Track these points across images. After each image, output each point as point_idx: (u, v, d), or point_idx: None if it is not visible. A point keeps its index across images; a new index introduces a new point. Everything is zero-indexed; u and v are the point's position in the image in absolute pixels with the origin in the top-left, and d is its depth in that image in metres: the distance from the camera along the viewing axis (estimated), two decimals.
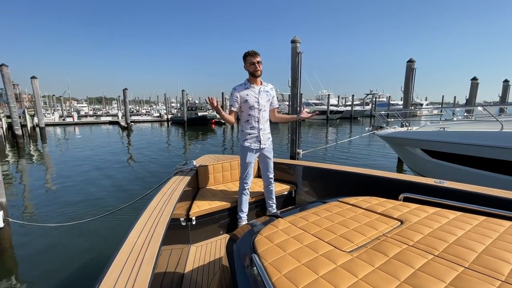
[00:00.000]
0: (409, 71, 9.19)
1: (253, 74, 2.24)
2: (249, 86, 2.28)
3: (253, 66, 2.21)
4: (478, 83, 12.40)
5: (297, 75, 5.97)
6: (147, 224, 1.55)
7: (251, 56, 2.20)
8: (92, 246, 3.71)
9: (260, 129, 2.33)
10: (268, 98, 2.36)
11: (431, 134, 5.01)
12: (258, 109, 2.30)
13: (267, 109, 2.38)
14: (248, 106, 2.26)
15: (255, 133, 2.33)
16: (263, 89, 2.33)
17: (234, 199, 2.52)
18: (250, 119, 2.30)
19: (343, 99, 46.92)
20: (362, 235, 1.23)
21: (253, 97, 2.27)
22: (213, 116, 27.58)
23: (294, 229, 1.32)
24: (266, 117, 2.38)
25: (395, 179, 2.14)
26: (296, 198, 2.96)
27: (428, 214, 1.42)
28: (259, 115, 2.31)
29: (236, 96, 2.27)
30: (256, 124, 2.32)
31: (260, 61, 2.23)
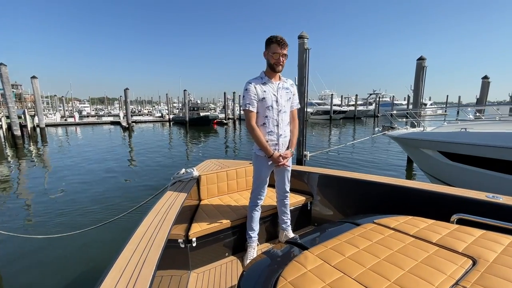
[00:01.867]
0: (419, 70, 8.80)
1: (272, 68, 1.84)
2: (267, 81, 1.87)
3: (276, 57, 1.79)
4: (489, 82, 11.97)
5: (304, 73, 5.63)
6: (139, 247, 1.23)
7: (277, 44, 1.77)
8: (78, 263, 3.37)
9: (280, 135, 1.91)
10: (288, 97, 1.94)
11: (452, 135, 4.64)
12: (277, 110, 1.88)
13: (287, 110, 1.96)
14: (265, 105, 1.85)
15: (273, 140, 1.90)
16: (283, 85, 1.92)
17: (242, 213, 2.17)
18: (267, 122, 1.88)
19: (346, 98, 46.39)
20: (427, 283, 0.89)
21: (272, 95, 1.86)
22: (215, 116, 27.33)
23: (329, 270, 0.98)
24: (286, 120, 1.96)
25: (436, 192, 1.79)
26: (312, 211, 2.61)
27: (503, 246, 1.08)
28: (279, 117, 1.90)
29: (254, 92, 1.83)
30: (275, 129, 1.89)
31: (286, 55, 1.83)
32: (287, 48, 1.82)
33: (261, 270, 1.13)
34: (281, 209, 2.21)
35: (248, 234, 2.10)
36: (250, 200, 2.07)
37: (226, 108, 32.05)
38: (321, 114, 31.06)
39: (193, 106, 29.29)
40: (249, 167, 2.74)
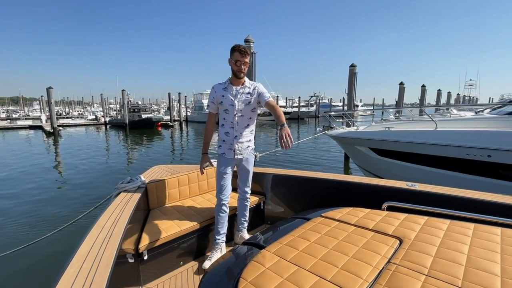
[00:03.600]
0: (351, 75, 9.92)
1: (235, 74, 1.96)
2: (228, 86, 2.01)
3: (238, 65, 1.91)
4: (404, 87, 14.22)
5: (252, 76, 5.77)
6: (83, 270, 1.09)
7: (239, 53, 1.88)
8: None
9: (235, 137, 2.03)
10: (248, 101, 2.01)
11: (378, 134, 5.37)
12: (233, 113, 2.00)
13: (246, 113, 2.04)
14: (223, 108, 2.02)
15: (229, 141, 2.05)
16: (244, 90, 2.00)
17: (196, 219, 2.12)
18: (225, 123, 2.05)
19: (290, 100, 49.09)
20: (367, 264, 1.03)
21: (229, 99, 1.99)
22: (159, 118, 25.65)
23: (286, 266, 1.04)
24: (245, 123, 2.05)
25: (371, 184, 2.05)
26: (265, 211, 2.70)
27: (421, 226, 1.31)
28: (235, 120, 2.01)
29: (212, 96, 2.05)
30: (231, 130, 2.04)
31: (248, 63, 1.97)
32: (249, 56, 1.95)
33: (221, 274, 1.13)
34: (241, 211, 2.26)
35: (215, 238, 2.08)
36: (217, 202, 2.09)
37: (171, 109, 30.48)
38: (268, 115, 32.19)
39: (133, 108, 27.01)
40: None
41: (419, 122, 5.47)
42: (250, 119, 2.07)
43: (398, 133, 4.99)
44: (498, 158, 3.96)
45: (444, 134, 4.39)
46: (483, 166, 4.09)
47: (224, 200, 2.07)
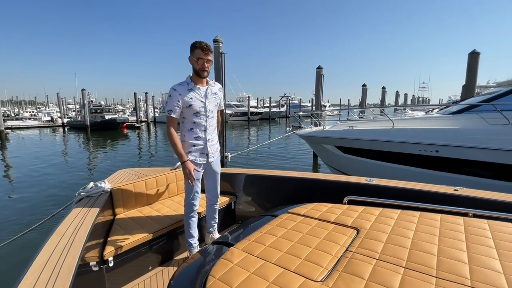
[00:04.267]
0: (318, 77, 10.34)
1: (198, 73, 1.83)
2: (194, 87, 1.86)
3: (200, 63, 1.79)
4: (367, 89, 15.19)
5: (221, 76, 5.75)
6: (41, 280, 1.03)
7: (201, 50, 1.76)
8: None
9: (207, 140, 1.95)
10: (216, 102, 1.97)
11: (342, 132, 5.70)
12: (205, 116, 1.90)
13: (215, 115, 1.99)
14: (193, 112, 1.86)
15: (201, 145, 1.94)
16: (211, 90, 1.93)
17: (165, 222, 2.08)
18: (195, 127, 1.90)
19: (261, 101, 49.65)
20: (327, 254, 1.11)
21: (199, 101, 1.86)
22: (124, 119, 24.29)
23: (253, 261, 1.09)
24: (214, 125, 2.00)
25: (334, 181, 2.20)
26: (236, 210, 2.73)
27: (376, 216, 1.44)
28: (207, 123, 1.92)
29: (177, 99, 1.80)
30: (203, 134, 1.93)
31: (211, 60, 1.84)
32: (212, 54, 1.83)
33: (189, 275, 1.14)
34: (210, 214, 2.23)
35: (188, 243, 2.04)
36: (185, 208, 2.01)
37: (138, 109, 29.06)
38: (239, 116, 32.23)
39: (95, 108, 25.27)
40: (170, 173, 2.63)
41: (378, 121, 5.90)
42: (216, 120, 2.04)
43: (360, 132, 5.35)
44: (444, 153, 4.44)
45: (400, 132, 4.80)
46: (432, 160, 4.55)
47: (195, 207, 2.00)
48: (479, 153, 4.15)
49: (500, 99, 4.65)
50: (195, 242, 2.04)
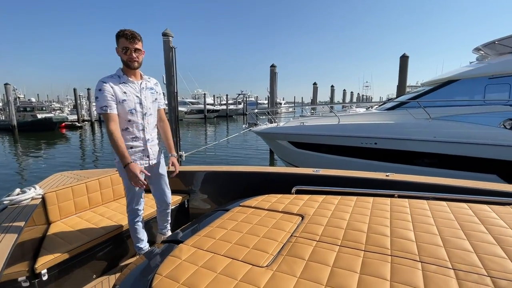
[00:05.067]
0: (272, 75, 10.64)
1: (127, 65, 1.65)
2: (126, 80, 1.67)
3: (128, 53, 1.61)
4: (317, 87, 16.16)
5: (172, 72, 5.52)
6: None
7: (125, 38, 1.58)
8: None
9: (147, 140, 1.77)
10: (154, 98, 1.81)
11: (294, 128, 5.99)
12: (142, 113, 1.72)
13: (154, 112, 1.82)
14: (127, 109, 1.65)
15: (139, 146, 1.74)
16: (146, 85, 1.76)
17: (110, 226, 1.94)
18: (130, 127, 1.69)
19: (218, 98, 49.00)
20: (274, 241, 1.18)
21: (134, 96, 1.68)
22: (62, 119, 21.54)
23: (202, 255, 1.10)
24: (153, 123, 1.83)
25: (284, 173, 2.31)
26: (189, 209, 2.68)
27: (319, 203, 1.57)
28: (144, 121, 1.74)
29: (110, 93, 1.59)
30: (141, 134, 1.73)
31: (140, 50, 1.65)
32: (140, 42, 1.64)
33: (135, 277, 1.10)
34: (162, 218, 2.10)
35: (137, 247, 1.90)
36: (128, 214, 1.84)
37: (79, 107, 26.09)
38: (195, 113, 31.33)
39: (24, 106, 21.95)
40: (115, 174, 2.45)
41: (327, 117, 6.34)
42: (155, 118, 1.87)
43: (310, 128, 5.69)
44: (381, 144, 5.00)
45: (344, 127, 5.25)
46: (372, 151, 5.09)
47: (139, 211, 1.85)
48: (407, 144, 4.78)
49: (423, 97, 5.42)
50: (145, 245, 1.94)
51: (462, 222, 1.22)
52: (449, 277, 0.85)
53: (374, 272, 0.90)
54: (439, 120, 4.69)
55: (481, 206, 1.39)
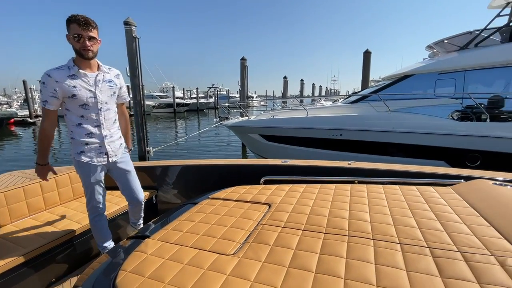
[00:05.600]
0: (243, 68, 10.58)
1: (80, 54, 1.50)
2: (78, 73, 1.52)
3: (81, 41, 1.47)
4: (287, 81, 16.43)
5: (136, 63, 5.25)
6: None
7: (77, 25, 1.44)
8: None
9: (105, 137, 1.65)
10: (112, 91, 1.67)
11: (265, 122, 6.07)
12: (96, 108, 1.60)
13: (111, 107, 1.69)
14: (78, 104, 1.53)
15: (96, 143, 1.63)
16: (103, 77, 1.62)
17: (74, 226, 1.84)
18: (84, 122, 1.58)
19: (188, 91, 47.55)
20: (241, 230, 1.21)
21: (86, 91, 1.54)
22: (9, 114, 19.38)
23: (168, 248, 1.09)
24: (112, 118, 1.70)
25: (253, 165, 2.35)
26: (158, 204, 2.61)
27: (285, 192, 1.63)
28: (100, 116, 1.62)
29: (53, 88, 1.46)
30: (97, 130, 1.62)
31: (95, 38, 1.52)
32: (96, 30, 1.51)
33: (97, 276, 1.06)
34: (135, 214, 2.00)
35: (100, 246, 1.81)
36: (89, 212, 1.74)
37: (31, 102, 23.59)
38: (164, 107, 30.13)
39: None
40: (74, 172, 2.30)
41: (296, 111, 6.51)
42: (116, 112, 1.75)
43: (280, 121, 5.81)
44: (346, 136, 5.28)
45: (312, 119, 5.45)
46: (338, 143, 5.35)
47: (101, 209, 1.75)
48: (369, 135, 5.12)
49: (383, 91, 5.80)
50: (110, 244, 1.86)
51: (410, 203, 1.36)
52: (395, 250, 0.96)
53: (332, 251, 0.97)
54: (397, 112, 5.08)
55: (427, 188, 1.56)
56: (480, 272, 0.81)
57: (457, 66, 5.09)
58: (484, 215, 1.17)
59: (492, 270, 0.82)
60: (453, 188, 1.54)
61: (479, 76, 4.99)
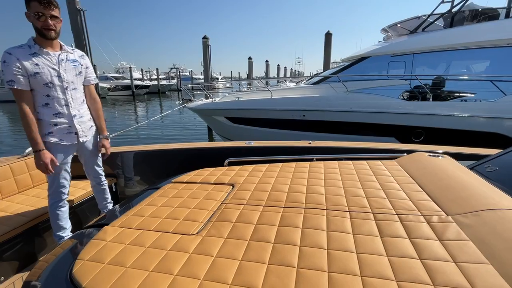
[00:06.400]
0: (205, 47, 10.15)
1: (42, 34, 1.48)
2: (39, 51, 1.50)
3: (42, 20, 1.44)
4: (252, 62, 16.20)
5: (83, 40, 4.72)
6: None
7: (39, 3, 1.41)
8: None
9: (74, 116, 1.66)
10: (77, 71, 1.67)
11: (230, 104, 6.00)
12: (62, 87, 1.59)
13: (78, 86, 1.70)
14: (42, 82, 1.51)
15: (64, 123, 1.63)
16: (67, 57, 1.62)
17: (21, 220, 1.69)
18: (51, 102, 1.56)
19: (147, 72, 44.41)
20: (204, 210, 1.24)
21: (49, 68, 1.53)
22: None
23: (129, 233, 1.08)
24: (80, 98, 1.72)
25: (217, 147, 2.35)
26: (118, 193, 2.50)
27: (249, 172, 1.68)
28: (67, 95, 1.62)
29: (16, 65, 1.42)
30: (64, 110, 1.62)
31: (58, 17, 1.50)
32: (58, 9, 1.48)
33: (52, 268, 1.01)
34: (100, 196, 2.01)
35: (56, 236, 1.73)
36: (50, 198, 1.69)
37: None
38: (121, 90, 27.88)
39: None
40: (18, 163, 2.08)
41: (260, 92, 6.53)
42: (83, 93, 1.75)
43: (244, 103, 5.79)
44: (309, 116, 5.48)
45: (276, 101, 5.53)
46: (301, 123, 5.55)
47: (64, 195, 1.72)
48: (330, 115, 5.38)
49: (343, 72, 6.06)
50: (67, 234, 1.78)
51: (360, 175, 1.50)
52: (345, 218, 1.07)
53: (290, 223, 1.05)
54: (354, 93, 5.38)
55: (376, 162, 1.73)
56: (411, 229, 0.95)
57: (406, 49, 5.50)
58: (419, 182, 1.35)
59: (420, 227, 0.96)
60: (397, 161, 1.72)
61: (425, 59, 5.47)
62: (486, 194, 1.08)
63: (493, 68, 5.15)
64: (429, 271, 0.76)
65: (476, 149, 2.01)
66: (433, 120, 4.90)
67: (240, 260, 0.87)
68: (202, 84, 7.80)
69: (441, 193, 1.18)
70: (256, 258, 0.87)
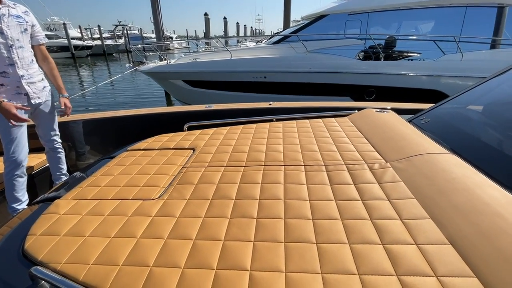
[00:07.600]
0: (154, 1, 9.01)
1: None
2: None
3: None
4: (209, 18, 14.97)
5: None
6: None
7: None
8: None
9: (22, 77, 1.59)
10: (23, 28, 1.59)
11: (187, 66, 5.63)
12: (6, 45, 1.52)
13: (25, 45, 1.62)
14: None
15: (11, 84, 1.57)
16: (9, 12, 1.53)
17: None
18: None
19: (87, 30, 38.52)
20: (165, 175, 1.23)
21: None
22: None
23: (85, 204, 1.04)
24: (29, 58, 1.65)
25: (176, 112, 2.25)
26: (69, 166, 2.31)
27: (209, 135, 1.67)
28: (12, 54, 1.54)
29: None
30: (9, 69, 1.55)
31: None
32: None
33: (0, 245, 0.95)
34: (55, 165, 1.91)
35: (11, 208, 1.66)
36: (6, 164, 1.61)
37: None
38: (57, 51, 24.07)
39: None
40: None
41: (220, 53, 6.19)
42: (31, 53, 1.67)
43: (202, 64, 5.48)
44: (270, 78, 5.44)
45: (236, 62, 5.33)
46: (262, 85, 5.51)
47: (22, 161, 1.64)
48: (290, 76, 5.41)
49: (303, 31, 5.98)
50: (23, 207, 1.68)
51: (316, 133, 1.59)
52: (300, 171, 1.15)
53: (250, 180, 1.11)
54: (313, 53, 5.41)
55: (330, 119, 1.84)
56: (356, 176, 1.08)
57: (361, 7, 5.55)
58: (365, 135, 1.49)
59: (364, 174, 1.09)
60: (349, 118, 1.86)
61: (379, 18, 5.62)
62: (417, 142, 1.25)
63: (438, 28, 5.53)
64: (368, 209, 0.88)
65: (417, 104, 2.25)
66: (383, 79, 5.24)
67: (203, 217, 0.91)
68: (155, 44, 7.10)
69: (383, 144, 1.33)
70: (218, 214, 0.92)
